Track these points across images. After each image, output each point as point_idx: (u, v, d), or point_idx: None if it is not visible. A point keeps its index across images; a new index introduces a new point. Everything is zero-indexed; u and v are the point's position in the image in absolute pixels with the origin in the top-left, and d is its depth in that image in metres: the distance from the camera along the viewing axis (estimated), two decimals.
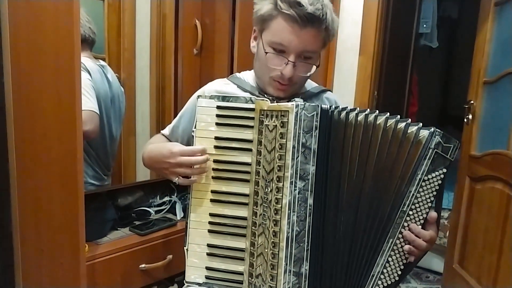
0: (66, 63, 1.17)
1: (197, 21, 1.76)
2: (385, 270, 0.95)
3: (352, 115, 0.96)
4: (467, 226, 2.22)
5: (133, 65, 1.70)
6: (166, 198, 1.77)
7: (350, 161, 0.96)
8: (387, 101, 2.48)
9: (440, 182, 0.93)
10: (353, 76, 2.23)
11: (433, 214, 0.96)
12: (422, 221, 0.95)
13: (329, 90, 1.28)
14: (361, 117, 0.96)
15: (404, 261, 0.96)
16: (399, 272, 0.96)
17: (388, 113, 0.97)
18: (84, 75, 1.43)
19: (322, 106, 0.96)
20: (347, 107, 0.99)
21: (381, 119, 0.95)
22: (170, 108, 1.79)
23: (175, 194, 1.77)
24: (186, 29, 1.75)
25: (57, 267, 1.30)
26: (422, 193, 0.94)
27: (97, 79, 1.49)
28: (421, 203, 0.94)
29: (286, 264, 0.94)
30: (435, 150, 0.93)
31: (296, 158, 0.94)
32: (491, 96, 2.11)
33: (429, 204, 0.94)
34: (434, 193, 0.94)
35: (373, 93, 2.23)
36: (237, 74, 1.24)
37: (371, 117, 0.95)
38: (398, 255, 0.96)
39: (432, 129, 0.94)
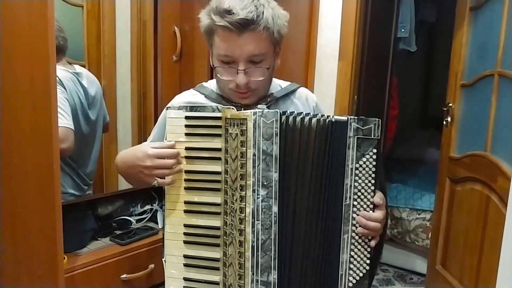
0: (41, 73, 1.16)
1: (176, 27, 1.76)
2: (352, 266, 0.97)
3: (298, 119, 0.96)
4: (448, 227, 2.25)
5: (114, 72, 1.68)
6: (147, 207, 1.75)
7: (302, 166, 0.97)
8: (368, 105, 2.50)
9: (374, 163, 0.95)
10: (333, 81, 2.24)
11: (376, 199, 0.98)
12: (370, 206, 0.97)
13: (301, 86, 1.26)
14: (298, 120, 0.96)
15: (368, 250, 0.98)
16: (367, 262, 0.98)
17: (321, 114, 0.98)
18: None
19: (281, 112, 0.95)
20: (301, 112, 0.99)
21: (313, 121, 0.96)
22: (151, 115, 1.78)
23: (156, 202, 1.76)
24: (165, 35, 1.75)
25: (35, 279, 1.27)
26: (359, 181, 0.96)
27: (71, 88, 1.47)
28: (362, 190, 0.96)
29: (253, 274, 0.94)
30: (356, 136, 0.95)
31: (258, 166, 0.94)
32: (469, 99, 2.14)
33: (372, 188, 0.97)
34: (373, 175, 0.96)
35: (353, 97, 2.25)
36: (204, 83, 1.24)
37: (306, 120, 0.96)
38: (360, 247, 0.97)
39: (346, 117, 0.96)
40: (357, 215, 0.97)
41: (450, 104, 2.23)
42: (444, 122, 2.26)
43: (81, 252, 1.44)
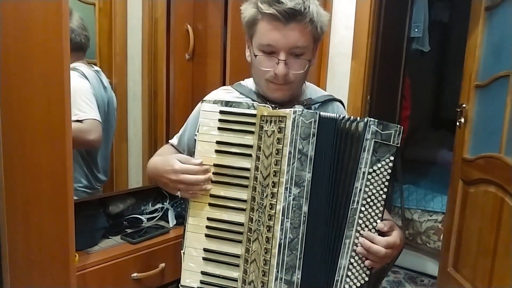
0: (55, 70, 1.15)
1: (189, 26, 1.75)
2: (349, 273, 0.94)
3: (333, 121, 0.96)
4: (461, 229, 2.22)
5: (125, 70, 1.68)
6: (158, 205, 1.74)
7: (328, 167, 0.96)
8: (380, 105, 2.49)
9: (389, 171, 0.92)
10: (346, 80, 2.23)
11: (380, 225, 0.94)
12: (379, 215, 0.93)
13: (339, 101, 1.27)
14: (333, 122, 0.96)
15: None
16: (368, 272, 0.94)
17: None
18: (85, 83, 1.43)
19: (321, 113, 0.95)
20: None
21: (347, 124, 0.96)
22: (162, 114, 1.77)
23: (167, 201, 1.75)
24: (178, 34, 1.74)
25: (46, 277, 1.27)
26: (371, 187, 0.92)
27: (95, 85, 1.48)
28: (372, 197, 0.93)
29: (278, 271, 0.93)
30: (373, 139, 0.92)
31: (292, 164, 0.93)
32: (483, 100, 2.11)
33: (383, 196, 0.92)
34: (386, 183, 0.92)
35: (366, 97, 2.23)
36: (242, 82, 1.24)
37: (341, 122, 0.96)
38: (361, 255, 0.94)
39: (366, 119, 0.93)
40: (364, 222, 0.94)
41: (464, 105, 2.20)
42: (458, 123, 2.24)
43: (92, 250, 1.43)
